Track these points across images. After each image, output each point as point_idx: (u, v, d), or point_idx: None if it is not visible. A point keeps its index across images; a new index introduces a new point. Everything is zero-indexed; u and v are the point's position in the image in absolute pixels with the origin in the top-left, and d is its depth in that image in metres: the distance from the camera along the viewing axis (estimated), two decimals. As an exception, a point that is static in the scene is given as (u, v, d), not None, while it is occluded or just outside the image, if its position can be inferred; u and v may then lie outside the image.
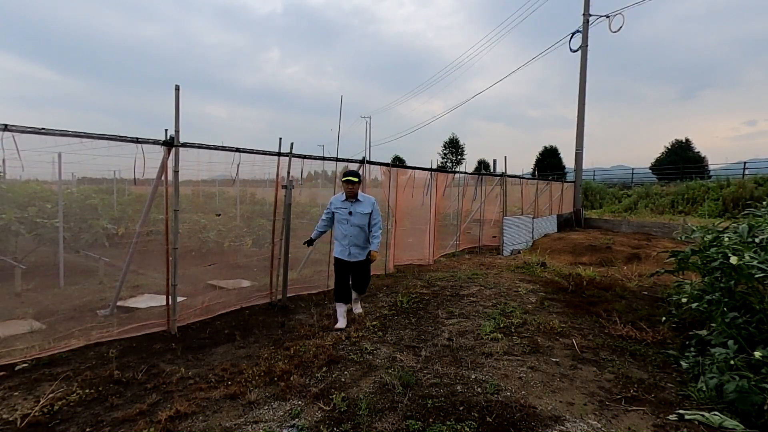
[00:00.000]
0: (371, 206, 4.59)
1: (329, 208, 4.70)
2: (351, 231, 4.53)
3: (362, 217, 4.54)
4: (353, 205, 4.55)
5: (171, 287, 4.24)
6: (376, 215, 4.63)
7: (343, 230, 4.56)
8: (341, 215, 4.57)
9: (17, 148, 3.35)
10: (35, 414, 2.70)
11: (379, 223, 4.65)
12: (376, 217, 4.62)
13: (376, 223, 4.61)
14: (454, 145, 40.63)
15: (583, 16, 16.48)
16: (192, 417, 2.70)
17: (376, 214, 4.64)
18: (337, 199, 4.66)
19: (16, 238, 6.50)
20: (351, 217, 4.52)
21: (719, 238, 3.83)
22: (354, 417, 2.68)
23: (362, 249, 4.62)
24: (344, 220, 4.54)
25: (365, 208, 4.56)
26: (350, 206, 4.54)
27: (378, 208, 4.70)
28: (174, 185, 4.20)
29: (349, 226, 4.53)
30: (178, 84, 4.02)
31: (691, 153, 27.62)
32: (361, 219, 4.54)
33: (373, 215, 4.60)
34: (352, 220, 4.52)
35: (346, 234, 4.56)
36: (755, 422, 2.57)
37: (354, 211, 4.52)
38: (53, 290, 5.85)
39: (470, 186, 11.97)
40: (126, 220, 8.28)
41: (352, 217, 4.52)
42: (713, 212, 16.17)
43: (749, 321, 3.33)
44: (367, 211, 4.55)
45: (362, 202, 4.58)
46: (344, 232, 4.56)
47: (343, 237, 4.58)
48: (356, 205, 4.55)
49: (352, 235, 4.54)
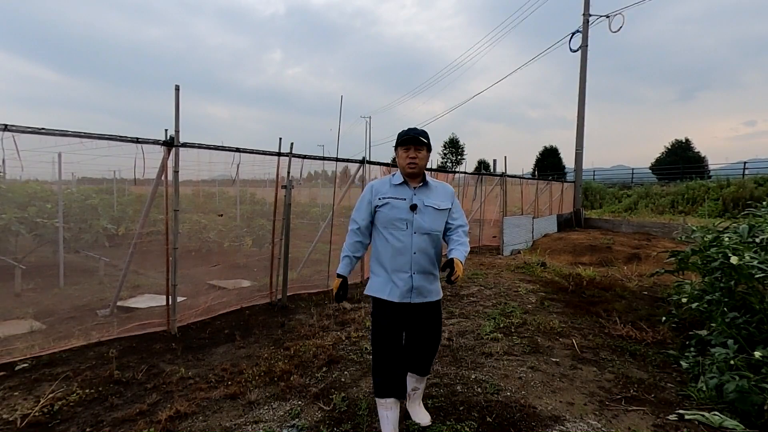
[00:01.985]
0: (450, 198, 2.51)
1: (364, 204, 2.48)
2: (416, 244, 2.36)
3: (437, 216, 2.42)
4: (419, 194, 2.42)
5: (171, 287, 4.24)
6: (458, 214, 2.53)
7: (398, 244, 2.36)
8: (395, 214, 2.38)
9: (17, 148, 3.36)
10: (35, 414, 2.70)
11: (465, 225, 2.54)
12: (458, 217, 2.52)
13: (460, 225, 2.50)
14: (454, 145, 40.62)
15: (583, 16, 16.48)
16: (192, 417, 2.70)
17: (459, 212, 2.55)
18: (382, 185, 2.49)
19: (16, 238, 6.50)
20: (416, 216, 2.37)
21: (719, 238, 3.83)
22: (354, 417, 2.68)
23: (432, 279, 2.44)
24: (401, 224, 2.37)
25: (442, 201, 2.45)
26: (413, 196, 2.40)
27: (459, 202, 2.62)
28: (174, 185, 4.20)
29: (410, 235, 2.36)
30: (179, 84, 4.02)
31: (691, 153, 27.62)
32: (434, 220, 2.41)
33: (454, 213, 2.51)
34: (419, 221, 2.37)
35: (404, 251, 2.36)
36: (755, 422, 2.57)
37: (423, 205, 2.39)
38: (53, 290, 5.85)
39: (470, 186, 11.97)
40: (126, 220, 8.28)
41: (418, 215, 2.37)
42: (713, 212, 16.17)
43: (749, 321, 3.33)
44: (444, 206, 2.46)
45: (435, 190, 2.48)
46: (399, 246, 2.36)
47: (396, 257, 2.37)
48: (425, 193, 2.44)
49: (418, 250, 2.36)
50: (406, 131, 2.39)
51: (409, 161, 2.34)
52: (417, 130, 2.40)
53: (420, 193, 2.39)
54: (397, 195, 2.38)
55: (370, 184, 2.51)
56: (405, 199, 2.36)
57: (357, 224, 2.45)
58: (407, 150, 2.36)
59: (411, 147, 2.35)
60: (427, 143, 2.38)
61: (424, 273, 2.35)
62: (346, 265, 2.44)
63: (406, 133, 2.37)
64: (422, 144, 2.35)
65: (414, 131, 2.38)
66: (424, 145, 2.36)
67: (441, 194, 2.44)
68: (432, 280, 2.40)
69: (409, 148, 2.36)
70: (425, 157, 2.39)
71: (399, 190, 2.39)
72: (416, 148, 2.35)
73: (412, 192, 2.38)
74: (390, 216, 2.35)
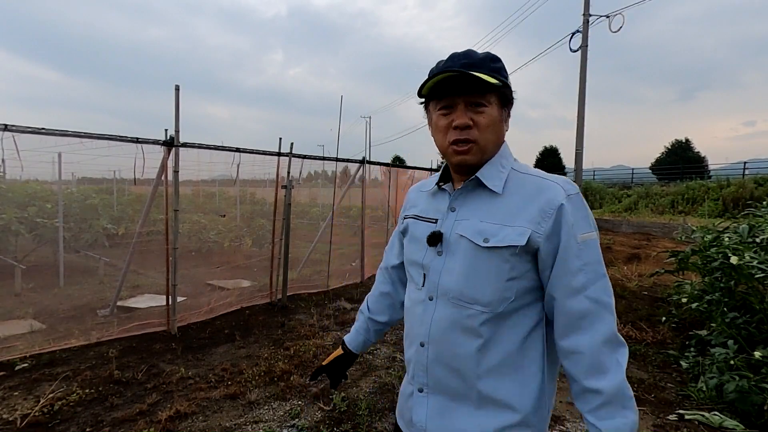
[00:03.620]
0: (545, 217, 0.88)
1: (402, 222, 1.14)
2: (434, 324, 0.95)
3: (480, 261, 0.90)
4: (462, 206, 0.97)
5: (171, 287, 4.24)
6: (579, 264, 0.86)
7: (410, 319, 1.05)
8: (411, 249, 1.05)
9: (17, 148, 3.36)
10: (35, 414, 2.70)
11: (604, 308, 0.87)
12: (584, 280, 0.86)
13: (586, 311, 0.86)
14: (454, 145, 40.61)
15: (583, 16, 16.48)
16: (192, 417, 2.70)
17: (583, 260, 0.86)
18: (421, 188, 1.16)
19: (16, 238, 6.50)
20: (434, 261, 0.97)
21: (719, 238, 3.83)
22: (354, 417, 2.68)
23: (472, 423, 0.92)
24: (416, 274, 1.03)
25: (506, 222, 0.90)
26: (448, 211, 0.99)
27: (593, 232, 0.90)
28: (174, 185, 4.20)
29: (424, 302, 0.98)
30: (179, 84, 4.03)
31: (691, 153, 27.62)
32: (472, 272, 0.91)
33: (570, 261, 0.87)
34: (440, 271, 0.96)
35: (413, 334, 1.01)
36: (755, 422, 2.57)
37: (454, 234, 0.95)
38: (53, 290, 5.85)
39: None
40: (126, 220, 8.28)
41: (440, 258, 0.96)
42: (713, 212, 16.17)
43: (749, 321, 3.33)
44: (508, 239, 0.88)
45: (505, 198, 0.93)
46: (410, 323, 1.05)
47: (407, 344, 1.05)
48: (473, 203, 0.96)
49: (435, 340, 0.95)
50: (444, 62, 0.95)
51: (454, 138, 0.94)
52: (469, 54, 0.93)
53: (465, 205, 0.97)
54: (428, 209, 1.05)
55: (410, 190, 1.21)
56: (435, 220, 1.01)
57: (384, 261, 1.28)
58: (447, 110, 0.95)
59: (456, 100, 0.93)
60: (496, 83, 0.90)
61: (449, 397, 0.95)
62: (355, 329, 1.32)
63: (441, 70, 0.91)
64: (482, 89, 0.91)
65: (460, 59, 0.93)
66: (489, 92, 0.92)
67: (517, 206, 0.91)
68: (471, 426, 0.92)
69: (453, 103, 0.94)
70: (494, 118, 0.94)
71: (434, 200, 1.05)
72: (470, 103, 0.92)
73: (449, 201, 1.00)
74: (407, 254, 1.08)
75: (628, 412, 0.86)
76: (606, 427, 0.85)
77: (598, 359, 0.86)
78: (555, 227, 0.88)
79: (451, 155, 0.97)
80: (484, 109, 0.93)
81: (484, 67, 0.91)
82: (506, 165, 0.97)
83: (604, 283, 0.88)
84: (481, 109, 0.93)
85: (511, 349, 0.91)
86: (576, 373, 0.88)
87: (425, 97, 1.01)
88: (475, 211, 0.95)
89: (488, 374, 0.91)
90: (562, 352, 0.91)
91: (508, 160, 0.98)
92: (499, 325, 0.91)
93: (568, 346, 0.88)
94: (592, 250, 0.88)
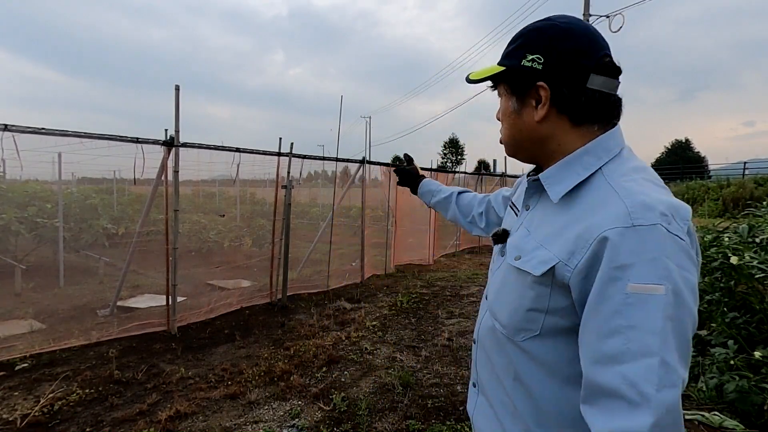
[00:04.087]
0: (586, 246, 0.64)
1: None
2: (482, 328, 0.88)
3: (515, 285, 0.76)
4: (532, 213, 0.82)
5: (171, 287, 4.24)
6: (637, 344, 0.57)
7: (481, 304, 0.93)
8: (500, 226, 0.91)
9: (17, 148, 3.35)
10: (35, 414, 2.70)
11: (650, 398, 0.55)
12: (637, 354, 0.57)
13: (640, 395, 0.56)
14: (454, 145, 40.66)
15: (583, 16, 16.49)
16: (192, 417, 2.70)
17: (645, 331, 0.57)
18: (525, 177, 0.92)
19: (16, 238, 6.50)
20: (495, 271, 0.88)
21: (719, 238, 3.83)
22: (354, 417, 2.68)
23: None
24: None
25: (549, 243, 0.71)
26: (525, 213, 0.84)
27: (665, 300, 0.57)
28: (174, 185, 4.20)
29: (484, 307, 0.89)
30: (179, 84, 4.02)
31: (691, 153, 27.65)
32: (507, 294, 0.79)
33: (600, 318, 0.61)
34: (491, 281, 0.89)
35: (476, 324, 0.92)
36: (755, 422, 2.57)
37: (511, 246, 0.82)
38: (53, 290, 5.85)
39: (471, 186, 11.98)
40: (126, 220, 8.27)
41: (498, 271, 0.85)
42: (713, 212, 16.17)
43: (749, 321, 3.33)
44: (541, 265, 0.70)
45: (566, 211, 0.72)
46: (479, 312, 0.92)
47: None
48: (541, 212, 0.80)
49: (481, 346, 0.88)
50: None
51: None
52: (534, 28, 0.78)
53: (538, 206, 0.82)
54: (519, 199, 0.92)
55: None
56: (517, 213, 0.90)
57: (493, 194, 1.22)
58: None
59: None
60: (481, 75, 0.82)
61: (491, 404, 0.86)
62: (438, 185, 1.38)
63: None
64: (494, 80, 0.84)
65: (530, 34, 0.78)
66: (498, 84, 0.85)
67: (568, 223, 0.70)
68: None
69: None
70: (505, 110, 0.83)
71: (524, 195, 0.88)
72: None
73: (526, 204, 0.86)
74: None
75: None
76: None
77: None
78: (590, 264, 0.63)
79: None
80: (500, 102, 0.85)
81: (503, 55, 0.81)
82: (592, 165, 0.72)
83: (654, 366, 0.56)
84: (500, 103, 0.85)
85: (544, 394, 0.73)
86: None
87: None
88: (533, 219, 0.81)
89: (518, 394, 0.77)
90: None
91: (600, 159, 0.72)
92: (523, 356, 0.75)
93: (586, 416, 0.64)
94: (647, 310, 0.58)
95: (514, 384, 0.77)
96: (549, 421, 0.73)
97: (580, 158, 0.74)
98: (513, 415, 0.78)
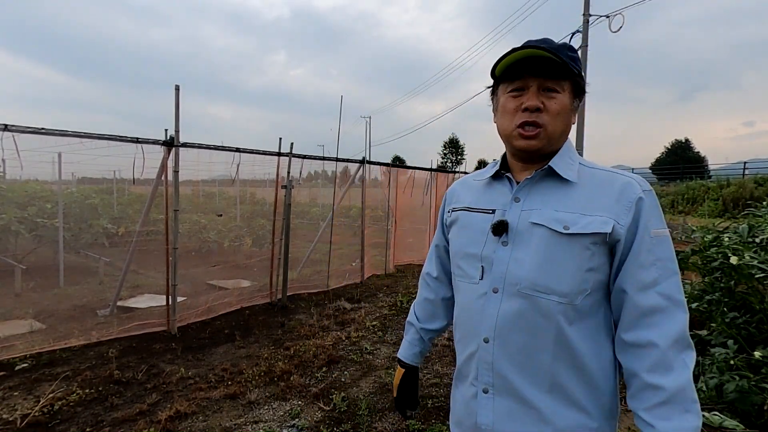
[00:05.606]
0: (621, 209, 0.86)
1: (438, 227, 1.20)
2: (500, 318, 0.89)
3: (556, 250, 0.86)
4: (529, 197, 0.93)
5: (171, 287, 4.24)
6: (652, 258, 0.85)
7: (462, 314, 1.00)
8: (465, 241, 1.00)
9: (17, 148, 3.36)
10: (35, 414, 2.70)
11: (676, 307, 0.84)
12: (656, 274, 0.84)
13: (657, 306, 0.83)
14: (454, 145, 40.66)
15: (583, 16, 16.48)
16: (192, 417, 2.70)
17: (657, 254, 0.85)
18: (466, 182, 1.10)
19: (16, 238, 6.50)
20: (501, 251, 0.92)
21: (719, 238, 3.83)
22: (354, 417, 2.68)
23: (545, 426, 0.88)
24: (471, 267, 0.96)
25: (583, 212, 0.87)
26: (512, 202, 0.94)
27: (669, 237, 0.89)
28: (174, 185, 4.20)
29: (484, 296, 0.92)
30: (179, 85, 4.02)
31: (691, 153, 27.65)
32: (546, 261, 0.87)
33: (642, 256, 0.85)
34: (506, 261, 0.90)
35: (471, 331, 0.95)
36: (755, 422, 2.57)
37: (524, 222, 0.91)
38: (53, 290, 5.85)
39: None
40: (126, 220, 8.27)
41: (506, 249, 0.91)
42: (713, 212, 16.17)
43: (749, 321, 3.33)
44: (588, 227, 0.85)
45: (579, 188, 0.91)
46: (464, 319, 0.99)
47: (462, 342, 1.00)
48: (544, 193, 0.92)
49: (501, 335, 0.89)
50: (523, 45, 0.92)
51: (522, 120, 0.91)
52: (547, 40, 0.93)
53: (531, 195, 0.93)
54: (481, 200, 1.01)
55: (450, 187, 1.18)
56: (492, 211, 0.96)
57: (426, 268, 1.27)
58: (518, 92, 0.92)
59: (530, 82, 0.91)
60: (572, 69, 0.89)
61: (515, 399, 0.89)
62: (407, 342, 1.23)
63: (523, 47, 0.90)
64: (558, 73, 0.90)
65: (539, 43, 0.90)
66: (563, 79, 0.91)
67: (592, 197, 0.89)
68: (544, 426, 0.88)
69: (525, 86, 0.91)
70: (565, 105, 0.91)
71: (489, 191, 1.01)
72: (543, 87, 0.90)
73: (513, 192, 0.95)
74: (458, 247, 1.03)
75: (690, 416, 0.79)
76: (663, 427, 0.79)
77: (664, 356, 0.81)
78: (634, 220, 0.86)
79: (515, 139, 0.93)
80: (556, 94, 0.91)
81: (562, 54, 0.88)
82: (575, 158, 0.96)
83: (677, 281, 0.85)
84: (554, 95, 0.91)
85: (585, 349, 0.88)
86: (638, 368, 0.84)
87: (496, 79, 0.98)
88: (546, 202, 0.91)
89: (563, 369, 0.88)
90: (625, 345, 0.87)
91: (575, 154, 0.98)
92: (575, 320, 0.87)
93: (634, 339, 0.85)
94: (665, 246, 0.87)
95: (558, 353, 0.87)
96: (588, 377, 0.88)
97: (568, 153, 0.96)
98: (551, 388, 0.88)
